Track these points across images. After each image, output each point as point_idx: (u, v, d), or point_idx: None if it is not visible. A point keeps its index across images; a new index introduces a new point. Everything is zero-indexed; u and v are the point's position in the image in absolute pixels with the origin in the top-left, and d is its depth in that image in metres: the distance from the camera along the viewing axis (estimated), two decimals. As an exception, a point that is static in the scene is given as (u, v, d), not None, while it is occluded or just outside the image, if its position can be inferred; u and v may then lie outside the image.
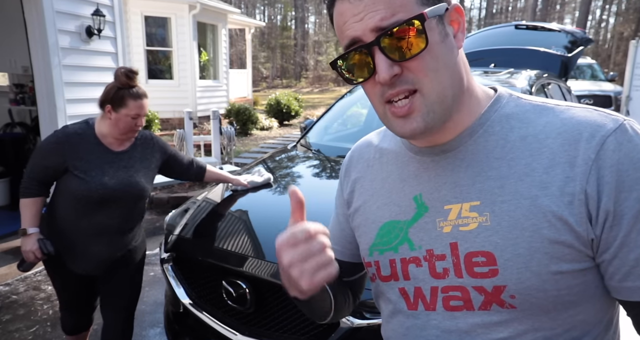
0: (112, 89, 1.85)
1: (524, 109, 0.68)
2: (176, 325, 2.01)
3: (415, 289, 0.72)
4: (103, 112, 1.88)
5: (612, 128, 0.60)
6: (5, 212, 4.62)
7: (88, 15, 4.21)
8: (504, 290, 0.63)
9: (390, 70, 0.61)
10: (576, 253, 0.61)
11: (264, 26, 23.23)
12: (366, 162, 0.84)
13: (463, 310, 0.67)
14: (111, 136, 1.91)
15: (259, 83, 30.92)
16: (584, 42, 4.39)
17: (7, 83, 5.33)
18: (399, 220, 0.74)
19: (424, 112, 0.64)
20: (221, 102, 11.23)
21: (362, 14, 0.61)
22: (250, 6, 39.72)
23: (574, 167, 0.60)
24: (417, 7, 0.61)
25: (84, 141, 1.86)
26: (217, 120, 6.08)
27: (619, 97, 8.94)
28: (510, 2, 44.27)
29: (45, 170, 1.87)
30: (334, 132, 3.29)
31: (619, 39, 30.92)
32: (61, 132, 1.86)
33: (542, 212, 0.61)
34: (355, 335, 1.50)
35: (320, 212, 2.01)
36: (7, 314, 2.88)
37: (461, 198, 0.67)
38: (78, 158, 1.84)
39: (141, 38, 9.59)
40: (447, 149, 0.70)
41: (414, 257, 0.71)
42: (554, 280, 0.61)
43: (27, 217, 1.89)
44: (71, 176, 1.84)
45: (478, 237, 0.64)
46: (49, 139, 1.86)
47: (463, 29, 0.67)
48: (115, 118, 1.85)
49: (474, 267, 0.65)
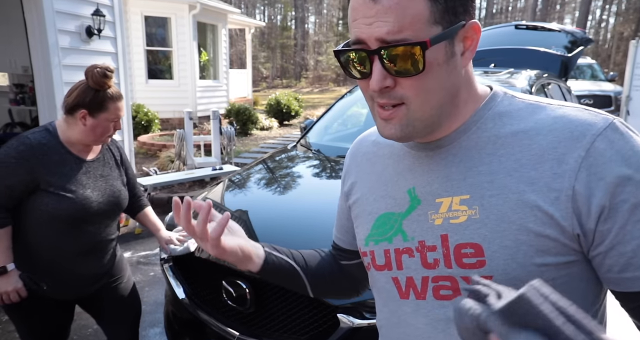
0: (87, 92, 1.60)
1: (517, 107, 0.70)
2: (176, 325, 2.01)
3: (407, 278, 0.74)
4: (69, 117, 1.62)
5: (603, 127, 0.62)
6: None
7: (88, 15, 4.22)
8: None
9: (383, 82, 0.64)
10: (561, 246, 0.63)
11: (264, 26, 23.25)
12: (364, 155, 0.88)
13: (452, 299, 0.69)
14: (82, 143, 1.67)
15: (259, 83, 30.93)
16: (584, 42, 4.39)
17: (7, 83, 5.33)
18: (393, 212, 0.77)
19: (404, 124, 0.67)
20: (221, 102, 11.24)
21: (372, 19, 0.62)
22: (250, 6, 39.73)
23: (563, 164, 0.62)
24: (426, 27, 0.61)
25: (51, 152, 1.59)
26: (217, 120, 6.08)
27: (619, 97, 8.94)
28: (510, 2, 44.29)
29: (10, 193, 1.55)
30: (334, 132, 3.29)
31: (619, 39, 30.93)
32: (21, 145, 1.55)
33: (528, 206, 0.63)
34: (355, 335, 1.50)
35: (320, 212, 2.02)
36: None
37: (452, 192, 0.70)
38: (50, 173, 1.58)
39: (141, 38, 9.60)
40: (441, 145, 0.73)
41: (407, 247, 0.74)
42: (539, 272, 0.63)
43: (2, 252, 1.57)
44: (45, 195, 1.57)
45: (467, 230, 0.67)
46: (7, 154, 1.53)
47: (474, 47, 0.67)
48: (92, 124, 1.61)
49: (462, 258, 0.67)
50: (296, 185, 2.40)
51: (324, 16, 41.71)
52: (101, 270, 1.79)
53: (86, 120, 1.61)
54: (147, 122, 8.77)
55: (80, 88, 1.61)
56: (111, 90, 1.63)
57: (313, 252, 0.98)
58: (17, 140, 1.57)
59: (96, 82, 1.59)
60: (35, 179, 1.55)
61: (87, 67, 1.60)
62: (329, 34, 37.91)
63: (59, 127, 1.65)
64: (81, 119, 1.60)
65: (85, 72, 1.61)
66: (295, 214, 2.08)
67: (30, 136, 1.58)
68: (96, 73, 1.58)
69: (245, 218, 2.05)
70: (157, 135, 8.77)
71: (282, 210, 2.13)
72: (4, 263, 1.58)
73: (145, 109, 8.80)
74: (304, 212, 2.09)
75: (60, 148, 1.62)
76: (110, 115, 1.64)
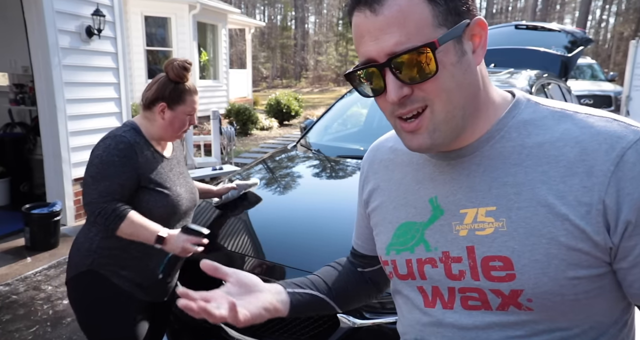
0: (167, 85, 1.62)
1: (542, 115, 0.68)
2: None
3: (433, 287, 0.73)
4: (148, 112, 1.64)
5: (633, 140, 0.60)
6: (5, 212, 4.62)
7: (88, 15, 4.21)
8: (521, 294, 0.64)
9: (400, 91, 0.63)
10: (593, 260, 0.62)
11: (264, 26, 23.23)
12: (381, 162, 0.86)
13: (481, 309, 0.68)
14: (162, 139, 1.68)
15: (259, 83, 30.92)
16: (584, 42, 4.39)
17: (7, 83, 5.33)
18: (415, 222, 0.75)
19: (430, 130, 0.65)
20: (221, 102, 11.23)
21: (377, 33, 0.61)
22: (250, 6, 39.72)
23: (592, 178, 0.60)
24: (432, 31, 0.61)
25: (144, 150, 1.60)
26: (217, 120, 6.08)
27: (619, 97, 8.93)
28: (510, 2, 44.28)
29: (122, 191, 1.54)
30: (334, 132, 3.29)
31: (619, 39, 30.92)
32: (120, 143, 1.55)
33: (559, 220, 0.62)
34: (355, 335, 1.50)
35: (319, 212, 2.02)
36: (7, 314, 2.88)
37: (477, 203, 0.68)
38: (148, 170, 1.59)
39: (141, 38, 9.59)
40: (463, 154, 0.71)
41: (429, 258, 0.72)
42: (571, 285, 0.62)
43: (148, 228, 1.54)
44: (145, 192, 1.59)
45: (495, 242, 0.65)
46: (108, 153, 1.53)
47: (484, 44, 0.67)
48: (170, 117, 1.63)
49: (490, 271, 0.66)
50: (296, 185, 2.40)
51: (324, 16, 41.70)
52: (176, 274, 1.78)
53: (165, 113, 1.62)
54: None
55: (160, 81, 1.63)
56: (188, 83, 1.66)
57: (329, 269, 0.96)
58: (112, 139, 1.57)
59: (177, 75, 1.61)
60: (138, 175, 1.57)
61: (166, 61, 1.63)
62: (329, 34, 37.90)
63: (141, 125, 1.65)
64: (160, 112, 1.62)
65: (165, 66, 1.63)
66: (295, 213, 2.08)
67: (125, 134, 1.58)
68: (176, 66, 1.61)
69: (245, 218, 2.05)
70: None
71: (282, 210, 2.13)
72: (156, 232, 1.54)
73: (145, 109, 8.79)
74: (303, 212, 2.09)
75: (149, 146, 1.64)
76: (187, 107, 1.65)
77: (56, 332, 2.70)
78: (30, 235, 3.76)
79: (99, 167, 1.53)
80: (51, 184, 4.22)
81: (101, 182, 1.52)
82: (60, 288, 3.21)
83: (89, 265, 1.58)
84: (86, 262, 1.58)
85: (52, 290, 3.18)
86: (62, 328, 2.73)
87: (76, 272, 1.60)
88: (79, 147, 4.26)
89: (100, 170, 1.53)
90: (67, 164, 4.19)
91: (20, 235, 3.94)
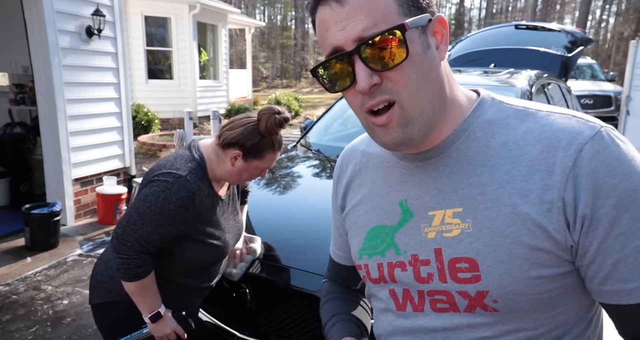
0: (253, 135, 1.42)
1: (506, 115, 0.69)
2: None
3: (403, 291, 0.74)
4: (221, 151, 1.46)
5: (589, 135, 0.61)
6: (5, 212, 4.62)
7: (88, 15, 4.21)
8: (487, 295, 0.65)
9: (370, 79, 0.62)
10: (555, 258, 0.62)
11: (264, 26, 23.24)
12: (354, 166, 0.86)
13: (450, 311, 0.69)
14: (224, 180, 1.52)
15: (259, 83, 30.91)
16: (584, 42, 4.40)
17: (7, 83, 5.33)
18: (385, 225, 0.75)
19: (402, 124, 0.64)
20: (221, 102, 11.23)
21: (344, 23, 0.61)
22: (250, 6, 39.71)
23: (553, 175, 0.61)
24: (398, 18, 0.61)
25: (204, 196, 1.44)
26: (217, 120, 6.08)
27: (619, 97, 8.93)
28: (510, 2, 44.27)
29: (160, 243, 1.41)
30: (334, 132, 3.29)
31: (619, 39, 30.91)
32: (183, 190, 1.37)
33: (521, 219, 0.62)
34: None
35: (319, 212, 2.02)
36: (7, 314, 2.88)
37: (444, 204, 0.68)
38: (202, 221, 1.45)
39: (141, 38, 9.59)
40: (431, 156, 0.71)
41: (399, 261, 0.73)
42: (535, 285, 0.63)
43: (153, 298, 1.45)
44: (192, 242, 1.45)
45: (461, 244, 0.66)
46: (167, 199, 1.36)
47: (446, 41, 0.67)
48: (241, 167, 1.45)
49: (457, 272, 0.66)
50: (296, 185, 2.40)
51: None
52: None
53: (236, 161, 1.45)
54: (147, 122, 8.76)
55: (247, 128, 1.43)
56: (278, 137, 1.47)
57: (345, 303, 0.94)
58: (176, 181, 1.38)
59: (268, 130, 1.42)
60: (187, 228, 1.42)
61: (262, 109, 1.44)
62: (329, 34, 37.81)
63: (208, 160, 1.47)
64: (232, 158, 1.45)
65: (260, 114, 1.43)
66: (295, 213, 2.08)
67: (190, 177, 1.39)
68: (273, 120, 1.40)
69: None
70: (157, 135, 8.77)
71: (281, 210, 2.13)
72: (157, 307, 1.46)
73: (145, 109, 8.80)
74: (303, 211, 2.09)
75: (210, 189, 1.47)
76: (264, 164, 1.49)
77: (56, 332, 2.70)
78: (30, 235, 3.76)
79: (151, 208, 1.36)
80: (51, 184, 4.22)
81: (145, 225, 1.37)
82: (60, 288, 3.21)
83: (124, 297, 1.47)
84: (121, 294, 1.46)
85: (52, 290, 3.18)
86: (62, 328, 2.73)
87: (108, 299, 1.52)
88: (79, 147, 4.27)
89: (150, 212, 1.36)
90: (67, 164, 4.19)
91: (20, 235, 3.94)
